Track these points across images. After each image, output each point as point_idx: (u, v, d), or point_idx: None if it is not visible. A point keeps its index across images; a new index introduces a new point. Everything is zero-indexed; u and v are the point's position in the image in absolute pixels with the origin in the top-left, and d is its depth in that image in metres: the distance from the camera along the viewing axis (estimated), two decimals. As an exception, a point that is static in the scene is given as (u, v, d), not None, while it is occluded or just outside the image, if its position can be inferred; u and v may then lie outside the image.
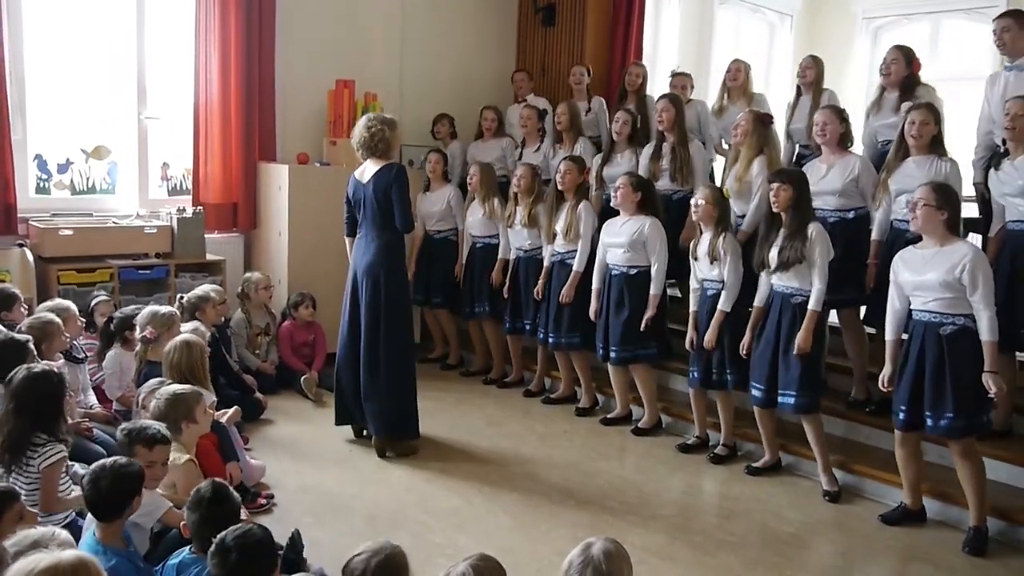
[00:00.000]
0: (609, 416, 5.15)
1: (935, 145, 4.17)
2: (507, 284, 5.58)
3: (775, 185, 4.09)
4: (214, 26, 5.66)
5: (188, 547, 2.55)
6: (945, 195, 3.60)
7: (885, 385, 3.82)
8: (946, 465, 4.05)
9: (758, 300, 4.30)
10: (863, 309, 4.77)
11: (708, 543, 3.68)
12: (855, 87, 8.31)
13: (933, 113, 4.16)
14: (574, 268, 5.11)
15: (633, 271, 4.81)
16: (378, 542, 2.28)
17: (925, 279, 3.59)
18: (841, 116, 4.48)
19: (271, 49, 5.92)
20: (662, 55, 7.90)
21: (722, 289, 4.44)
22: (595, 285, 4.98)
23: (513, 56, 7.23)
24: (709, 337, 4.45)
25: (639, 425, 5.00)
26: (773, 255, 4.11)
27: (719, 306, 4.44)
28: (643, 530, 3.75)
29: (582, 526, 3.69)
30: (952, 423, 3.56)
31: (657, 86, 6.44)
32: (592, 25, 6.75)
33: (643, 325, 4.77)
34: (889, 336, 3.82)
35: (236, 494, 2.66)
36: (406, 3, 6.60)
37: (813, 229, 4.05)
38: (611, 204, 4.93)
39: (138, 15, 5.62)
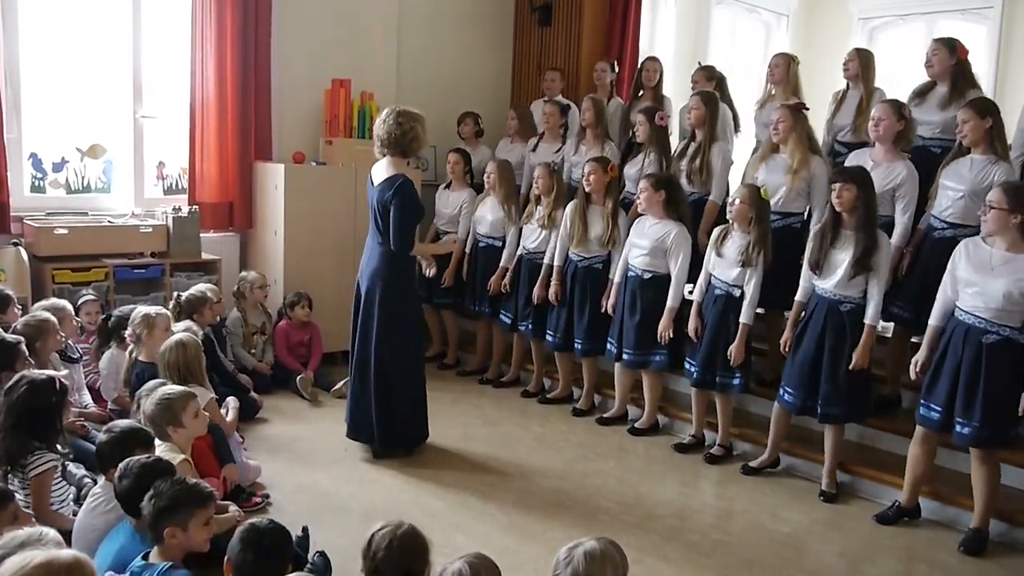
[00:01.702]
0: (605, 415, 5.14)
1: (993, 141, 4.00)
2: (506, 285, 5.53)
3: (837, 185, 3.93)
4: (210, 25, 5.65)
5: (141, 554, 2.52)
6: (1019, 198, 3.44)
7: (918, 371, 3.74)
8: (943, 466, 4.06)
9: (800, 295, 4.18)
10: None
11: (704, 543, 3.69)
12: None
13: (977, 109, 4.02)
14: (611, 278, 4.98)
15: (648, 275, 4.73)
16: (395, 520, 2.34)
17: (989, 285, 3.47)
18: (900, 113, 4.31)
19: (267, 48, 5.91)
20: (658, 55, 7.87)
21: (730, 292, 4.38)
22: (616, 280, 4.92)
23: (510, 56, 7.23)
24: (736, 351, 4.34)
25: (636, 425, 4.99)
26: (843, 261, 3.94)
27: (742, 319, 4.34)
28: (639, 530, 3.75)
29: (578, 526, 3.69)
30: (978, 432, 3.51)
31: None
32: (588, 25, 6.75)
33: (659, 337, 4.66)
34: (933, 322, 3.72)
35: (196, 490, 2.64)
36: (403, 2, 6.59)
37: (884, 239, 3.95)
38: (638, 208, 4.79)
39: (134, 14, 5.60)
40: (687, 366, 4.62)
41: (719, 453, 4.60)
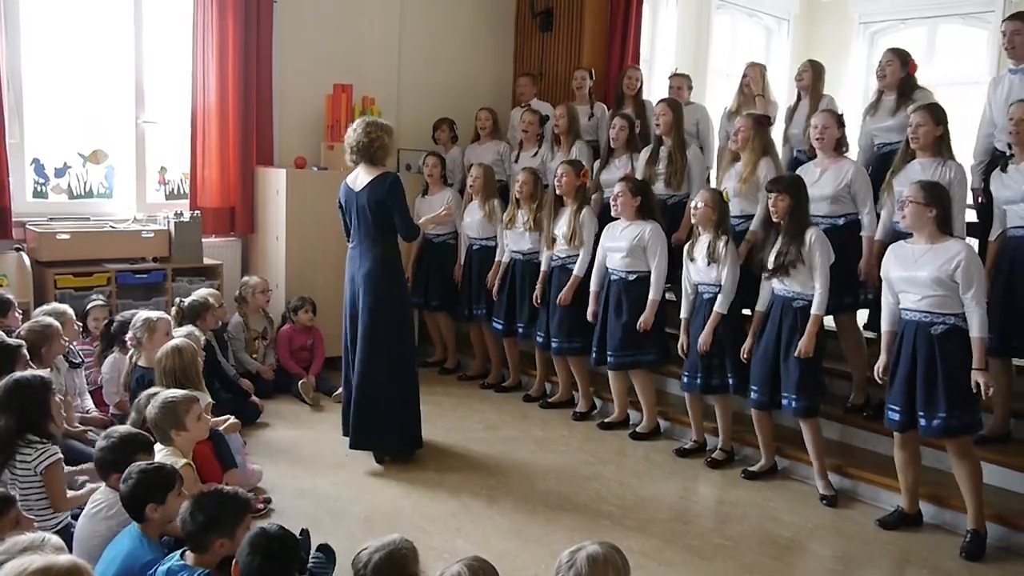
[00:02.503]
0: (607, 420, 5.15)
1: (940, 147, 4.13)
2: (496, 287, 5.57)
3: (772, 195, 4.13)
4: (212, 30, 5.67)
5: (178, 552, 2.54)
6: (934, 193, 3.61)
7: (880, 374, 3.82)
8: (942, 469, 4.06)
9: (760, 305, 4.31)
10: (864, 314, 4.77)
11: (705, 547, 3.68)
12: (852, 92, 8.34)
13: (932, 114, 4.13)
14: (575, 272, 5.10)
15: (632, 276, 4.81)
16: (389, 537, 2.33)
17: (916, 276, 3.60)
18: (839, 121, 4.50)
19: (269, 53, 5.93)
20: (659, 60, 7.92)
21: (717, 293, 4.44)
22: (593, 288, 4.99)
23: (511, 61, 7.24)
24: (704, 339, 4.45)
25: (637, 430, 5.00)
26: (771, 259, 4.15)
27: (715, 307, 4.44)
28: (640, 534, 3.75)
29: (579, 530, 3.68)
30: (945, 422, 3.56)
31: (655, 90, 6.45)
32: (589, 30, 6.76)
33: (640, 327, 4.75)
34: (885, 327, 3.81)
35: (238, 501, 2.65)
36: (404, 8, 6.61)
37: (812, 234, 4.08)
38: (612, 212, 4.91)
39: (136, 19, 5.63)
40: (686, 379, 4.62)
41: (721, 457, 4.60)
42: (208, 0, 5.63)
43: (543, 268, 5.32)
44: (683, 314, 4.64)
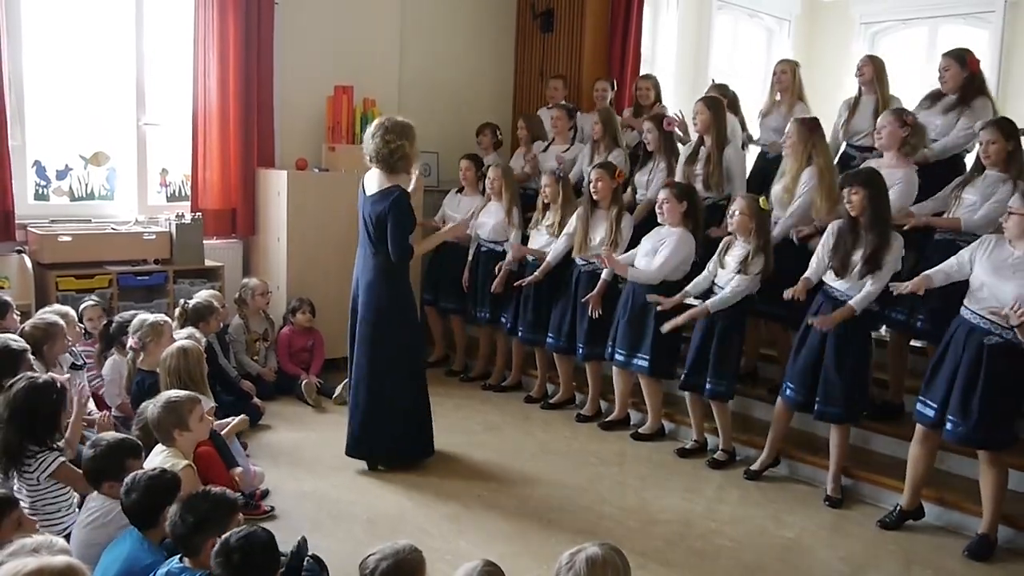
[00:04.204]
0: (607, 420, 5.13)
1: (1012, 164, 4.03)
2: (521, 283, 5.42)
3: (846, 190, 3.98)
4: (213, 32, 5.67)
5: (177, 556, 2.54)
6: None
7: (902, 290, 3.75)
8: (947, 471, 4.06)
9: (811, 273, 4.16)
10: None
11: (707, 548, 3.68)
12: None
13: (1003, 130, 4.04)
14: (603, 277, 4.98)
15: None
16: (396, 544, 2.32)
17: (1001, 286, 3.49)
18: (903, 120, 4.38)
19: (270, 55, 5.93)
20: (660, 61, 7.92)
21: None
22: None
23: (512, 63, 7.24)
24: (675, 323, 4.44)
25: (640, 431, 4.98)
26: (856, 260, 3.97)
27: (707, 302, 4.39)
28: (642, 535, 3.75)
29: (581, 531, 3.67)
30: (971, 433, 3.53)
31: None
32: (590, 31, 6.76)
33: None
34: (929, 272, 3.74)
35: (231, 501, 2.64)
36: (405, 9, 6.61)
37: (900, 241, 3.97)
38: (658, 219, 4.76)
39: (137, 21, 5.62)
40: (683, 375, 4.62)
41: (722, 458, 4.59)
42: (209, 2, 5.63)
43: (549, 259, 5.19)
44: (690, 289, 4.54)
